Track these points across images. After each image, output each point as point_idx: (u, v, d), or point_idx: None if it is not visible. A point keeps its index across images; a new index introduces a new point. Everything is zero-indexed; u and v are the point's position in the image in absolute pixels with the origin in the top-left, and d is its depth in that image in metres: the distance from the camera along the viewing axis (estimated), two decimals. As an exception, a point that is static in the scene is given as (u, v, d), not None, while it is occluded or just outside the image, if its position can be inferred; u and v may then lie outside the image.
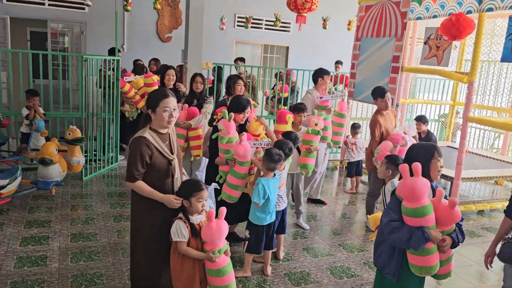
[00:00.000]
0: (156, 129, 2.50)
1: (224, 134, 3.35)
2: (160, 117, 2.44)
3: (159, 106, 2.42)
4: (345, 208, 5.35)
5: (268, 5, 8.84)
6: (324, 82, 5.03)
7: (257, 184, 3.27)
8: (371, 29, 6.58)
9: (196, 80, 4.77)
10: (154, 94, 2.52)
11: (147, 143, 2.42)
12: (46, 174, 4.40)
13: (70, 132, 5.03)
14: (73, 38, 7.94)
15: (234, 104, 3.56)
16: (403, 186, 2.20)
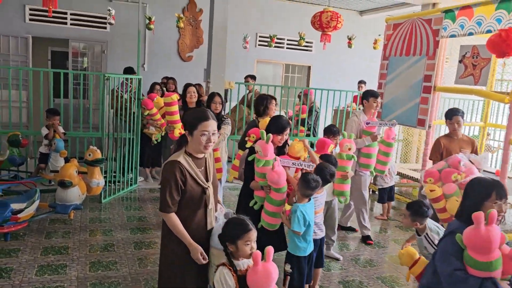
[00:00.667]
0: (192, 153, 2.28)
1: (261, 157, 3.12)
2: (197, 141, 2.21)
3: (197, 129, 2.20)
4: (377, 236, 5.01)
5: (290, 24, 8.71)
6: (370, 105, 4.65)
7: (295, 211, 3.00)
8: (399, 47, 6.34)
9: (215, 100, 4.53)
10: (193, 114, 2.28)
11: (181, 168, 2.20)
12: (65, 197, 4.19)
13: (90, 153, 4.84)
14: (94, 57, 7.88)
15: (273, 124, 3.33)
16: (476, 237, 1.88)
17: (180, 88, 7.01)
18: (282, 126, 3.30)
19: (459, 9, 5.38)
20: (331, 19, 6.81)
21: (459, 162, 3.89)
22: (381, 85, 6.72)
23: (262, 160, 3.12)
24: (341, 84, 8.56)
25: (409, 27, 6.16)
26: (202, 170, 2.32)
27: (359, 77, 9.23)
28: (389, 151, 4.49)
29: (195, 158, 2.29)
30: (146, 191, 6.05)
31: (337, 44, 8.15)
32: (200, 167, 2.31)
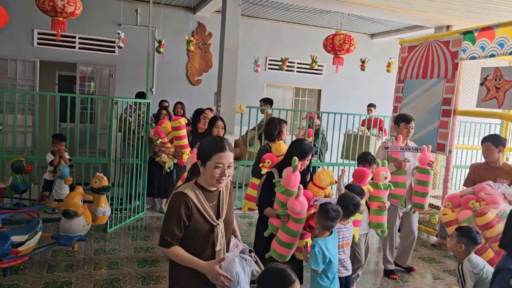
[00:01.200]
0: (203, 186, 2.05)
1: (285, 184, 2.89)
2: (210, 173, 1.98)
3: (210, 160, 1.98)
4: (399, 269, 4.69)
5: (300, 47, 8.59)
6: (401, 130, 4.29)
7: (313, 246, 2.75)
8: (416, 70, 6.15)
9: (217, 124, 4.31)
10: (208, 144, 2.06)
11: (188, 201, 1.97)
12: (69, 228, 3.95)
13: (96, 180, 4.62)
14: (101, 81, 7.76)
15: (295, 149, 3.10)
16: None
17: (188, 112, 6.85)
18: (305, 152, 3.08)
19: (479, 30, 5.21)
20: (344, 42, 6.66)
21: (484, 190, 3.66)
22: (397, 108, 6.50)
23: (283, 186, 2.89)
24: (353, 107, 8.36)
25: (425, 49, 5.99)
26: (214, 205, 2.08)
27: (370, 100, 9.03)
28: (426, 179, 4.06)
29: (207, 191, 2.06)
30: (154, 220, 5.78)
31: (348, 67, 7.99)
32: (212, 201, 2.07)
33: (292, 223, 2.91)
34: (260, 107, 6.81)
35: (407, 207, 4.24)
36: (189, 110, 6.89)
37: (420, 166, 4.08)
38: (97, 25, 7.39)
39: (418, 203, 4.13)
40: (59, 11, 4.98)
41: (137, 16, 7.59)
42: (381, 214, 3.58)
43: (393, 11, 6.69)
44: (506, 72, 4.93)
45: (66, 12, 5.02)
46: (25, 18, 6.99)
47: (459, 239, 2.84)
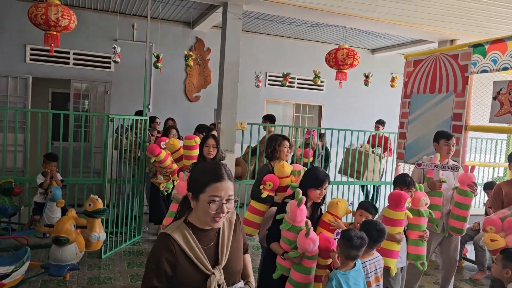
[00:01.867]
0: (196, 224, 1.65)
1: (290, 220, 2.61)
2: (203, 209, 1.59)
3: (204, 192, 1.58)
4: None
5: (300, 63, 8.41)
6: (440, 148, 3.97)
7: (331, 279, 2.45)
8: (422, 84, 5.96)
9: (208, 143, 3.84)
10: (201, 171, 1.65)
11: (172, 245, 1.59)
12: (60, 257, 3.62)
13: (90, 202, 4.30)
14: (96, 98, 7.50)
15: (309, 177, 2.82)
16: None
17: (182, 128, 6.59)
18: (321, 180, 2.77)
19: (490, 43, 5.04)
20: (347, 56, 6.48)
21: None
22: (403, 124, 6.29)
23: (289, 223, 2.61)
24: (355, 123, 8.14)
25: (432, 63, 5.80)
26: (210, 248, 1.67)
27: (372, 116, 8.83)
28: (465, 202, 3.70)
29: (200, 230, 1.66)
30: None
31: (349, 83, 7.79)
32: (207, 243, 1.67)
33: (306, 261, 2.63)
34: (265, 124, 6.55)
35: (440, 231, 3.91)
36: (187, 128, 6.64)
37: (459, 187, 3.74)
38: (92, 40, 7.17)
39: (455, 228, 3.77)
40: (52, 24, 4.75)
41: (134, 31, 7.38)
42: (421, 244, 3.25)
43: (396, 25, 6.53)
44: (521, 85, 4.74)
45: (60, 25, 4.79)
46: (17, 33, 6.75)
47: (505, 264, 2.58)
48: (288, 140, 3.81)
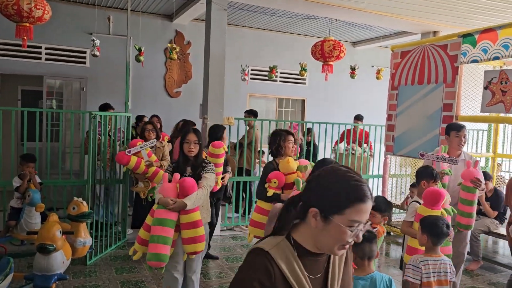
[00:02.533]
0: (304, 245, 1.26)
1: None
2: (334, 234, 1.19)
3: (343, 214, 1.18)
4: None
5: (283, 56, 8.25)
6: (451, 140, 3.87)
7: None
8: (411, 76, 5.90)
9: (189, 139, 3.25)
10: (338, 184, 1.21)
11: (271, 267, 1.20)
12: (46, 266, 3.33)
13: (74, 206, 4.02)
14: (71, 95, 7.10)
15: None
16: None
17: (163, 125, 6.33)
18: None
19: (479, 32, 5.01)
20: (333, 48, 6.35)
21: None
22: (391, 116, 6.23)
23: None
24: (339, 117, 8.06)
25: (420, 54, 5.75)
26: (317, 279, 1.28)
27: (356, 109, 8.79)
28: (469, 198, 3.56)
29: (309, 254, 1.26)
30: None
31: (332, 76, 7.66)
32: (315, 273, 1.27)
33: None
34: (247, 118, 6.36)
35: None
36: (169, 125, 6.37)
37: (463, 183, 3.62)
38: (65, 34, 6.77)
39: (462, 224, 3.65)
40: (25, 15, 4.38)
41: (110, 24, 7.03)
42: (448, 244, 3.12)
43: (382, 16, 6.46)
44: (513, 74, 4.74)
45: (33, 16, 4.43)
46: (-17, 26, 6.29)
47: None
48: (293, 135, 3.68)
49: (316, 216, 1.20)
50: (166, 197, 2.97)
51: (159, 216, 2.95)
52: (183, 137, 3.29)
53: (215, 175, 3.77)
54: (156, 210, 3.00)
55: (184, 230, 3.03)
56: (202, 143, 3.30)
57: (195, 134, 3.27)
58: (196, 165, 3.24)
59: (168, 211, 2.93)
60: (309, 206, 1.21)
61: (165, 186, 3.03)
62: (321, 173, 1.25)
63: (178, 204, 2.94)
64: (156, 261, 2.91)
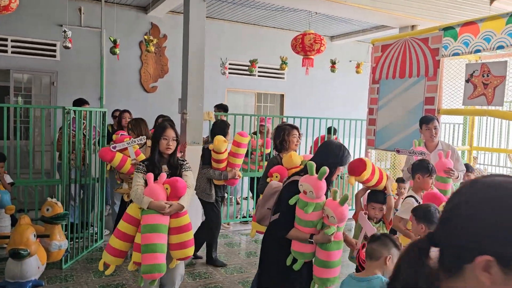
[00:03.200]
0: None
1: (311, 199, 2.31)
2: None
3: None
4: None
5: (262, 51, 8.10)
6: (423, 133, 4.10)
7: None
8: (392, 69, 5.88)
9: (167, 135, 3.00)
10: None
11: None
12: (20, 273, 3.09)
13: (48, 207, 3.78)
14: (41, 90, 6.73)
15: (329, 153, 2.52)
16: None
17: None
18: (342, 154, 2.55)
19: (461, 25, 5.02)
20: (314, 42, 6.28)
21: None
22: (372, 110, 6.20)
23: (313, 203, 2.31)
24: (317, 112, 7.99)
25: (401, 47, 5.73)
26: None
27: (335, 103, 8.78)
28: (445, 188, 3.59)
29: None
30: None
31: (311, 71, 7.60)
32: None
33: (337, 234, 2.40)
34: (219, 113, 6.20)
35: None
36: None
37: (437, 175, 3.59)
38: (33, 25, 6.40)
39: None
40: (-10, 4, 4.09)
41: (81, 15, 6.70)
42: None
43: (362, 9, 6.41)
44: (495, 67, 4.76)
45: (-1, 5, 4.13)
46: None
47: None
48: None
49: (491, 267, 0.71)
50: (157, 200, 2.75)
51: (152, 222, 2.71)
52: (160, 133, 3.01)
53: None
54: (146, 216, 2.73)
55: (174, 235, 2.82)
56: (179, 140, 3.11)
57: (173, 130, 3.05)
58: (174, 164, 3.05)
59: (160, 215, 2.73)
60: (469, 252, 0.73)
61: (153, 187, 2.77)
62: (477, 193, 0.77)
63: (174, 207, 2.79)
64: (156, 273, 2.66)
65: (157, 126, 3.10)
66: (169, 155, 3.04)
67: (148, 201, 2.73)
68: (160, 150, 3.01)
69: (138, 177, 2.92)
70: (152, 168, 2.95)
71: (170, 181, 2.85)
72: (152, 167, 2.96)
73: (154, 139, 3.03)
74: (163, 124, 3.17)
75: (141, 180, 2.90)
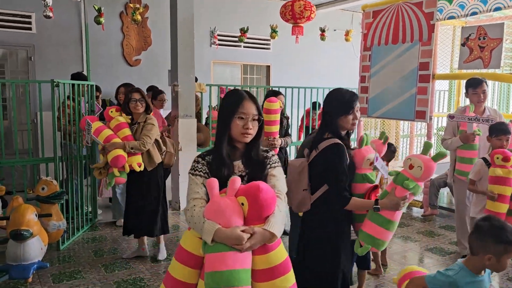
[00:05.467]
0: None
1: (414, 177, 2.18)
2: None
3: None
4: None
5: (247, 21, 7.84)
6: (470, 98, 3.82)
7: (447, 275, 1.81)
8: (384, 35, 5.80)
9: (246, 110, 1.76)
10: None
11: None
12: (22, 255, 2.91)
13: (44, 185, 3.59)
14: (17, 66, 6.34)
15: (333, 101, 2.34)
16: None
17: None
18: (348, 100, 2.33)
19: (456, -13, 4.96)
20: (304, 9, 6.10)
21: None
22: (364, 78, 6.14)
23: (414, 182, 2.15)
24: (304, 82, 7.87)
25: (394, 12, 5.64)
26: None
27: (322, 73, 8.67)
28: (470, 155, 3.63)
29: None
30: (112, 227, 4.78)
31: (302, 39, 7.45)
32: None
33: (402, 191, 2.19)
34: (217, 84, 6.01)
35: None
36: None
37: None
38: (5, -4, 5.96)
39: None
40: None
41: (57, -16, 6.27)
42: None
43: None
44: (491, 29, 4.74)
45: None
46: None
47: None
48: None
49: None
50: (228, 226, 1.61)
51: (224, 268, 1.55)
52: (234, 108, 1.80)
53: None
54: (212, 256, 1.59)
55: (263, 282, 1.69)
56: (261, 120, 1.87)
57: (255, 104, 1.84)
58: (255, 159, 1.85)
59: (237, 254, 1.57)
60: None
61: (219, 204, 1.64)
62: None
63: (259, 237, 1.62)
64: None
65: (227, 95, 1.92)
66: (247, 145, 1.85)
67: (213, 228, 1.60)
68: (232, 136, 1.83)
69: (195, 184, 1.78)
70: (217, 167, 1.79)
71: (248, 190, 1.65)
72: (218, 165, 1.79)
73: (222, 118, 1.84)
74: (237, 92, 1.87)
75: (199, 188, 1.77)
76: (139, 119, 3.70)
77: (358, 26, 7.41)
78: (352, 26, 8.54)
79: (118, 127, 3.64)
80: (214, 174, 1.77)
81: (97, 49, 6.68)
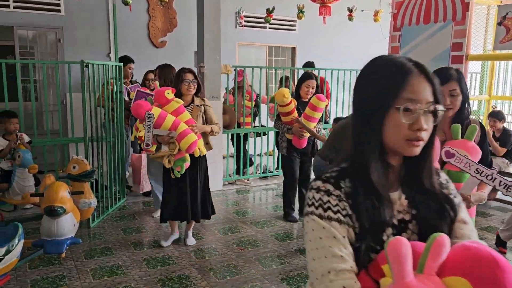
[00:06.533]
0: None
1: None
2: None
3: None
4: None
5: (274, 1, 7.72)
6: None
7: None
8: (415, 15, 5.62)
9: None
10: None
11: None
12: (57, 231, 3.00)
13: (74, 164, 3.66)
14: (46, 48, 6.44)
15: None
16: None
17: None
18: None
19: (494, -37, 4.74)
20: (332, -12, 5.96)
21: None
22: (394, 59, 5.97)
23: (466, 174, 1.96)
24: (329, 64, 7.71)
25: (426, -9, 5.45)
26: None
27: (348, 54, 8.48)
28: None
29: None
30: (140, 206, 4.88)
31: (329, 19, 7.28)
32: None
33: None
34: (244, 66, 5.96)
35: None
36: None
37: None
38: (35, -22, 6.03)
39: None
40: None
41: (84, -33, 6.30)
42: None
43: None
44: (531, 7, 4.53)
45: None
46: None
47: None
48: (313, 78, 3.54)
49: None
50: None
51: None
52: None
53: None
54: None
55: None
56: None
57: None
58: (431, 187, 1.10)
59: None
60: None
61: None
62: None
63: None
64: None
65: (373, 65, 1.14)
66: (408, 161, 1.08)
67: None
68: (385, 145, 1.04)
69: (332, 238, 0.97)
70: (373, 205, 1.00)
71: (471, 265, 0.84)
72: (373, 202, 1.00)
73: (367, 110, 1.04)
74: (393, 60, 1.08)
75: (343, 247, 0.97)
76: (196, 101, 3.53)
77: (386, 6, 7.21)
78: (381, 6, 8.30)
79: (177, 111, 3.30)
80: (367, 219, 0.98)
81: (123, 31, 6.70)
